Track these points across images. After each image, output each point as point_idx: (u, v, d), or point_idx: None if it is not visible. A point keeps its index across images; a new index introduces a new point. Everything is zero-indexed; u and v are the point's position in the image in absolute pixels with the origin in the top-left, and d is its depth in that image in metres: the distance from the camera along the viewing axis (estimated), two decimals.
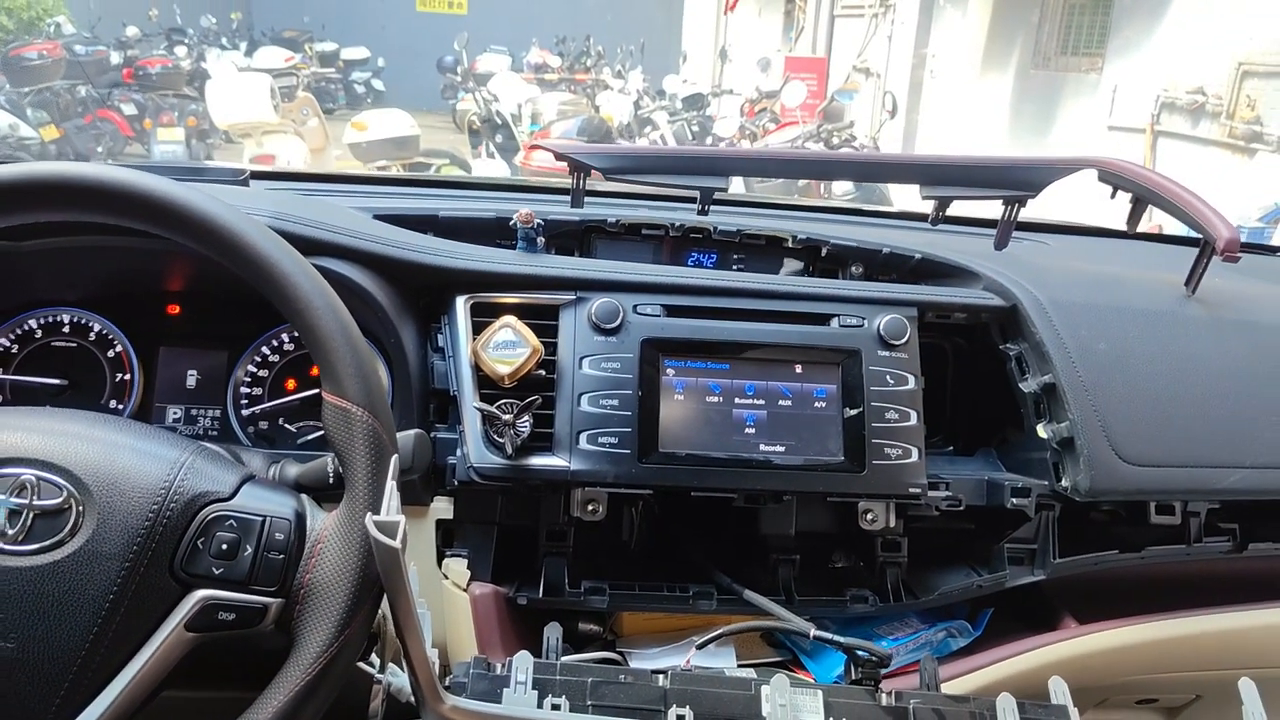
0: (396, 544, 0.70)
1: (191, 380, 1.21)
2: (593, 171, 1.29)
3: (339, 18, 15.29)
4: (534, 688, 0.88)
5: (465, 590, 1.09)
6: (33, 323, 1.19)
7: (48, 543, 0.73)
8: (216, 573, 0.75)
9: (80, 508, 0.74)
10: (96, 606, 0.72)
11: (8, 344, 1.18)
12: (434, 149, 6.89)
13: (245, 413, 1.20)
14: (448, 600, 1.09)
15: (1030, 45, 9.20)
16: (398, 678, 0.96)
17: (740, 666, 1.12)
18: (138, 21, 11.45)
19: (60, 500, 0.73)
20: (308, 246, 1.00)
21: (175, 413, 1.20)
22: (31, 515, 0.73)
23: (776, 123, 7.68)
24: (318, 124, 7.17)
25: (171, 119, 8.34)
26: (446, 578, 1.10)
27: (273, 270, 0.78)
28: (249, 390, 1.20)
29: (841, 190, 5.81)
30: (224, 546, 0.75)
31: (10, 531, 0.73)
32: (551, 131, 6.60)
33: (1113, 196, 1.30)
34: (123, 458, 0.76)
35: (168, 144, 8.17)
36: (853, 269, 1.30)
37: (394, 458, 0.77)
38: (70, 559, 0.72)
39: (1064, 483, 1.11)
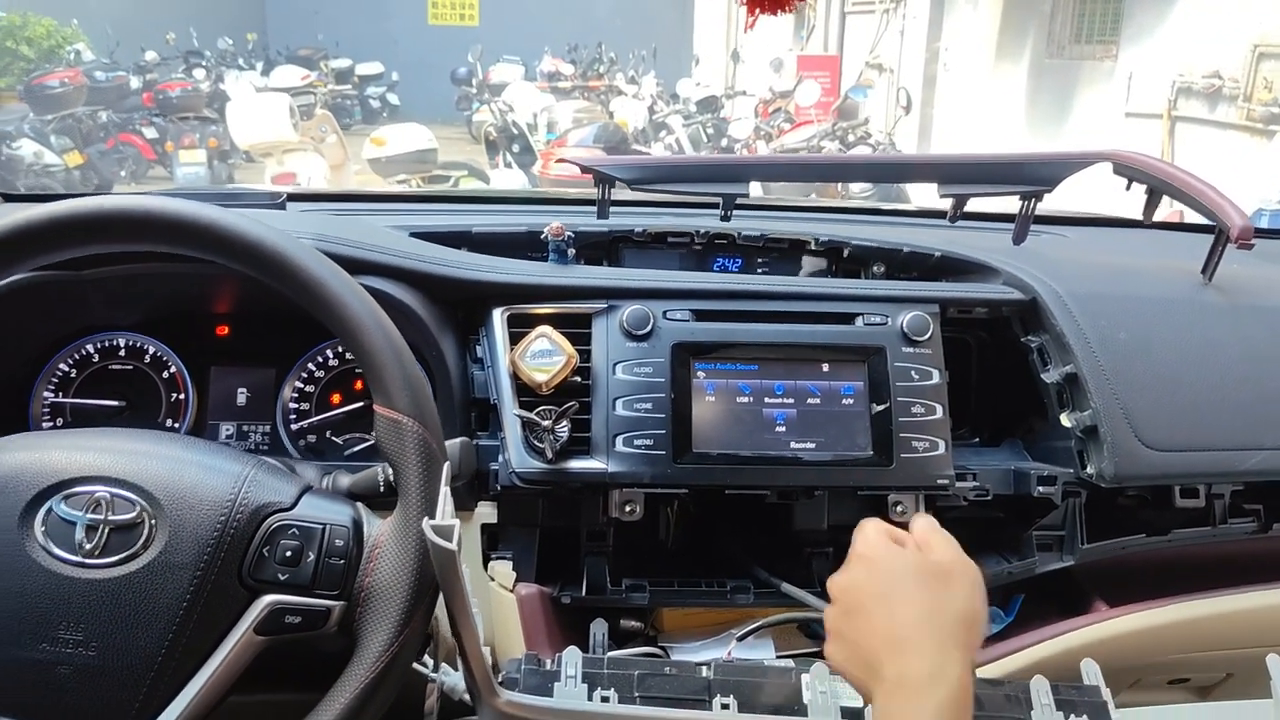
0: (453, 546, 0.74)
1: (242, 398, 1.25)
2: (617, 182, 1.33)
3: (352, 34, 15.40)
4: (583, 681, 0.91)
5: (511, 591, 1.12)
6: (90, 347, 1.23)
7: (123, 555, 0.76)
8: (282, 578, 0.79)
9: (153, 521, 0.77)
10: (171, 614, 0.76)
11: (67, 368, 1.23)
12: (452, 161, 6.95)
13: (294, 427, 1.24)
14: (495, 601, 1.13)
15: (1044, 35, 9.16)
16: (450, 677, 1.00)
17: (779, 658, 1.15)
18: (155, 46, 11.57)
19: (134, 515, 0.77)
20: (351, 266, 1.03)
21: (228, 429, 1.25)
22: (107, 530, 0.77)
23: (791, 122, 7.71)
24: (336, 140, 7.24)
25: (193, 141, 8.42)
26: (493, 579, 1.14)
27: (323, 292, 0.81)
28: (297, 405, 1.25)
29: (859, 188, 5.82)
30: (288, 554, 0.79)
31: (88, 546, 0.76)
32: (568, 139, 6.65)
33: (1128, 188, 1.32)
34: (190, 473, 0.80)
35: (190, 165, 8.26)
36: (874, 268, 1.33)
37: (446, 464, 0.81)
38: (145, 570, 0.76)
39: (1089, 470, 1.14)
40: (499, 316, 1.15)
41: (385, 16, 16.16)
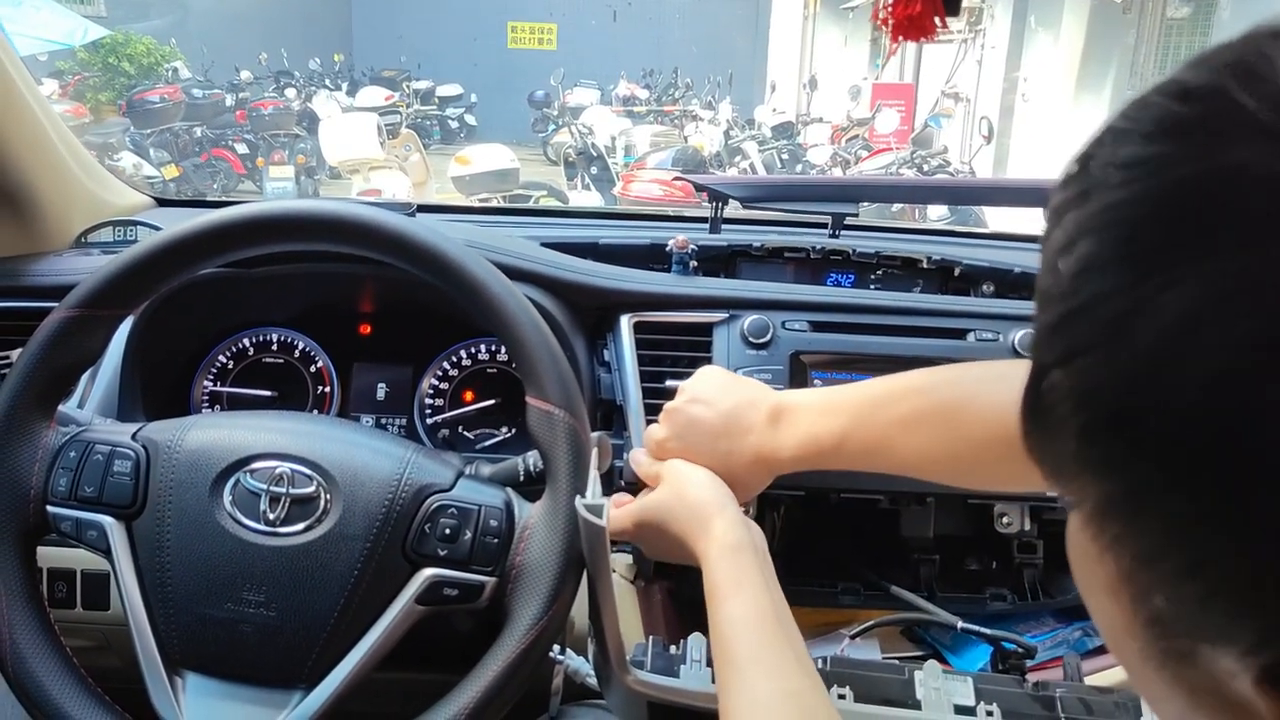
0: (603, 523, 0.79)
1: (381, 392, 1.33)
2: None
3: (433, 56, 15.80)
4: (708, 665, 0.96)
5: (632, 583, 1.18)
6: (246, 341, 1.32)
7: (301, 526, 0.83)
8: (441, 554, 0.84)
9: (328, 496, 0.84)
10: (344, 581, 0.82)
11: (225, 360, 1.32)
12: (532, 181, 7.11)
13: (429, 421, 1.32)
14: (616, 592, 1.18)
15: (1126, 66, 9.06)
16: (574, 661, 1.06)
17: (885, 659, 1.19)
18: (248, 65, 12.03)
19: (311, 489, 0.84)
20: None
21: (368, 421, 1.32)
22: (288, 502, 0.83)
23: (868, 149, 7.73)
24: (419, 159, 7.47)
25: (282, 157, 8.73)
26: (615, 571, 1.20)
27: (486, 292, 0.88)
28: (432, 401, 1.32)
29: (937, 214, 5.82)
30: (447, 531, 0.84)
31: (271, 516, 0.83)
32: (647, 162, 6.75)
33: None
34: (360, 454, 0.87)
35: (278, 180, 8.55)
36: (984, 287, 1.37)
37: (594, 449, 0.87)
38: (321, 539, 0.82)
39: None
40: (626, 323, 1.22)
41: (466, 40, 16.55)
